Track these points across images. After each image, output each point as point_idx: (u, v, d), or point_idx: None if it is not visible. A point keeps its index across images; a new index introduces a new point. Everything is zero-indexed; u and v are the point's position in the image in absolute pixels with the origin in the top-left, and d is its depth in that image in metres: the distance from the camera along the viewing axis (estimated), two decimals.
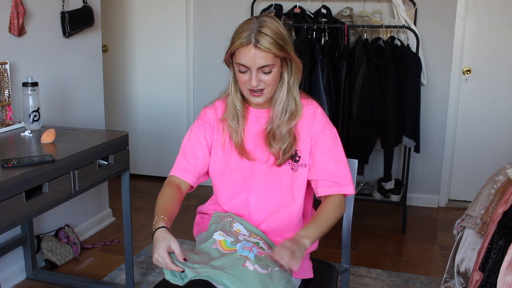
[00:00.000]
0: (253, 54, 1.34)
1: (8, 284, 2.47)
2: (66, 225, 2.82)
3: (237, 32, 1.39)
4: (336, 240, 2.99)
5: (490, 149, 3.65)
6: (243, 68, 1.38)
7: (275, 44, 1.35)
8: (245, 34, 1.35)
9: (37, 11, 2.51)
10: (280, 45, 1.36)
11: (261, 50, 1.34)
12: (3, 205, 1.53)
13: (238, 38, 1.36)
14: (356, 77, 3.12)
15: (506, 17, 3.47)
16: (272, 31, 1.35)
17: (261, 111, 1.52)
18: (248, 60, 1.35)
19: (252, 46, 1.34)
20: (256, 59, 1.35)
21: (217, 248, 1.35)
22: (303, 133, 1.49)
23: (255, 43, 1.34)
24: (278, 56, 1.37)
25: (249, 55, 1.35)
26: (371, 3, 3.57)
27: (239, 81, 1.42)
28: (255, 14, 3.71)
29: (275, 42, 1.35)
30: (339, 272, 1.71)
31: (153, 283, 2.50)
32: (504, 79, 3.56)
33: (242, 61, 1.36)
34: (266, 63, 1.36)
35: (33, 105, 2.15)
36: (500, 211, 1.63)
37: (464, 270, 1.95)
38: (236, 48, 1.37)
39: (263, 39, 1.33)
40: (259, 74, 1.38)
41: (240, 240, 1.37)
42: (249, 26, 1.36)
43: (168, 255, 1.23)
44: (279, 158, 1.47)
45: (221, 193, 1.54)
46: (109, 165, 2.06)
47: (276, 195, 1.50)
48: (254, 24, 1.36)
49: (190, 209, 3.59)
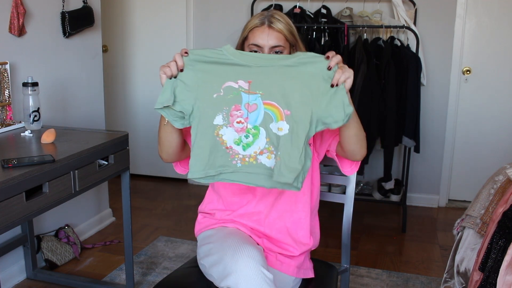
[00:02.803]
0: (266, 33, 1.43)
1: (8, 284, 2.47)
2: (66, 225, 2.82)
3: (250, 20, 1.49)
4: (336, 240, 2.99)
5: (490, 149, 3.65)
6: (256, 48, 1.44)
7: (287, 28, 1.45)
8: (258, 18, 1.45)
9: (37, 11, 2.51)
10: (290, 31, 1.46)
11: (274, 30, 1.43)
12: (3, 205, 1.53)
13: (252, 21, 1.46)
14: (356, 77, 3.13)
15: (506, 17, 3.48)
16: (283, 18, 1.46)
17: None
18: (262, 39, 1.43)
19: (266, 26, 1.43)
20: (269, 38, 1.42)
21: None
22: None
23: (269, 24, 1.43)
24: (289, 40, 1.46)
25: (263, 35, 1.43)
26: (371, 3, 3.57)
27: None
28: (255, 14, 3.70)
29: (286, 26, 1.45)
30: (339, 272, 1.71)
31: (153, 283, 2.51)
32: (504, 79, 3.56)
33: (256, 41, 1.43)
34: (278, 43, 1.43)
35: (33, 105, 2.15)
36: (500, 211, 1.63)
37: (464, 270, 1.95)
38: (250, 30, 1.45)
39: (276, 21, 1.44)
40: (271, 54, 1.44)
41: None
42: (261, 13, 1.48)
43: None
44: None
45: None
46: (109, 165, 2.06)
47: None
48: (266, 12, 1.48)
49: (190, 209, 3.59)
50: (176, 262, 2.75)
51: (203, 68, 1.29)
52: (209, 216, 1.63)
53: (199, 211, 1.69)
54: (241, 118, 1.28)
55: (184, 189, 4.03)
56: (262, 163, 1.28)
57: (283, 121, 1.27)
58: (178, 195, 3.90)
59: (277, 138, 1.27)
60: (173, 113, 1.28)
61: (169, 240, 3.03)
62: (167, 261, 2.77)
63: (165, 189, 4.02)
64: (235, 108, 1.28)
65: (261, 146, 1.28)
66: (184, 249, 2.91)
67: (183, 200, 3.79)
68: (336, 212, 3.30)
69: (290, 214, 1.53)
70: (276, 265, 1.51)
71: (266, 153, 1.28)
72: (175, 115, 1.29)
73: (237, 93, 1.28)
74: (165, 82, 1.28)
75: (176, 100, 1.28)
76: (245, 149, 1.28)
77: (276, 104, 1.27)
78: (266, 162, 1.28)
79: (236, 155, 1.29)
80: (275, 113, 1.27)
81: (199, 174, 1.28)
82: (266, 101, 1.27)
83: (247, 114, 1.28)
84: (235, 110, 1.28)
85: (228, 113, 1.28)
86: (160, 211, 3.56)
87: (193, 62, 1.29)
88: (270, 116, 1.27)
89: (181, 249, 2.92)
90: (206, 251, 1.49)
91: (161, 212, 3.53)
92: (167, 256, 2.82)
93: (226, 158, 1.29)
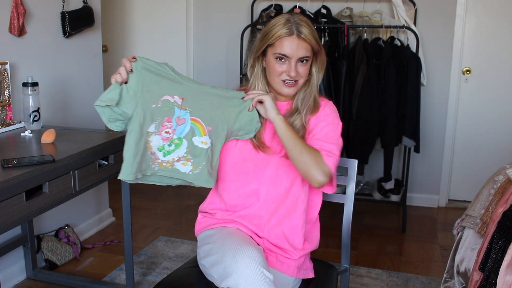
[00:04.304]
0: (296, 44, 1.42)
1: (8, 284, 2.47)
2: (66, 225, 2.82)
3: (274, 25, 1.45)
4: (336, 240, 2.99)
5: (490, 149, 3.65)
6: (283, 57, 1.43)
7: (313, 36, 1.44)
8: (286, 26, 1.42)
9: (37, 11, 2.51)
10: (316, 39, 1.46)
11: (304, 41, 1.42)
12: (3, 205, 1.53)
13: (279, 29, 1.43)
14: (356, 77, 3.13)
15: (506, 17, 3.48)
16: (309, 26, 1.44)
17: (281, 103, 1.55)
18: (291, 50, 1.42)
19: (295, 36, 1.42)
20: (298, 49, 1.42)
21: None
22: (311, 125, 1.53)
23: (298, 34, 1.42)
24: (314, 49, 1.46)
25: (292, 45, 1.42)
26: (371, 3, 3.57)
27: (274, 71, 1.47)
28: (255, 14, 3.71)
29: (313, 34, 1.44)
30: (339, 272, 1.71)
31: (153, 283, 2.51)
32: (504, 79, 3.56)
33: (284, 51, 1.43)
34: (306, 54, 1.44)
35: (33, 105, 2.15)
36: (500, 211, 1.63)
37: (464, 270, 1.95)
38: (277, 38, 1.43)
39: (305, 30, 1.42)
40: (297, 65, 1.45)
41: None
42: (287, 20, 1.44)
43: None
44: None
45: (231, 181, 1.55)
46: (109, 165, 2.06)
47: (286, 184, 1.52)
48: (291, 18, 1.44)
49: (190, 209, 3.59)
50: (176, 262, 2.75)
51: (146, 76, 1.41)
52: (210, 215, 1.63)
53: (199, 210, 1.68)
54: (169, 129, 1.43)
55: (184, 189, 4.03)
56: (177, 168, 1.43)
57: (206, 136, 1.45)
58: (178, 195, 3.90)
59: (199, 150, 1.44)
60: (111, 113, 1.40)
61: (169, 240, 3.03)
62: (167, 261, 2.77)
63: (165, 189, 4.01)
64: (167, 120, 1.42)
65: (180, 155, 1.43)
66: (184, 249, 2.91)
67: (183, 200, 3.79)
68: (336, 212, 3.30)
69: (288, 220, 1.54)
70: (277, 265, 1.51)
71: (183, 160, 1.43)
72: (112, 116, 1.41)
73: (171, 106, 1.43)
74: (114, 83, 1.38)
75: (120, 103, 1.39)
76: (165, 155, 1.43)
77: (200, 120, 1.45)
78: (181, 168, 1.43)
79: (156, 159, 1.42)
80: (199, 129, 1.44)
81: (129, 176, 1.39)
82: (193, 117, 1.44)
83: (176, 126, 1.43)
84: (167, 122, 1.42)
85: (160, 123, 1.42)
86: (160, 211, 3.56)
87: (140, 69, 1.41)
88: (194, 131, 1.44)
89: (181, 249, 2.92)
90: (207, 251, 1.49)
91: (161, 212, 3.53)
92: (167, 256, 2.82)
93: (149, 162, 1.42)
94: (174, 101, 1.42)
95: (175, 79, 1.45)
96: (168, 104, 1.42)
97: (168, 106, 1.42)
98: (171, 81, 1.44)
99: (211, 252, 1.45)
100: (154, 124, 1.41)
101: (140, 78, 1.40)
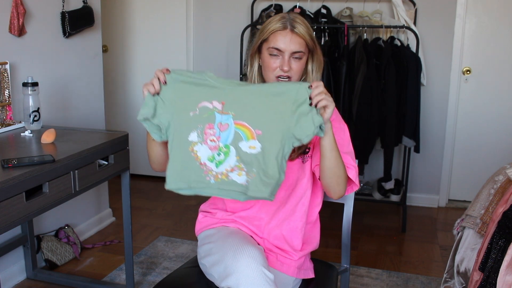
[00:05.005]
0: (289, 38, 1.42)
1: (8, 284, 2.47)
2: (66, 225, 2.82)
3: (270, 21, 1.46)
4: (336, 240, 2.99)
5: (490, 149, 3.65)
6: (276, 52, 1.43)
7: (308, 33, 1.44)
8: (280, 21, 1.43)
9: (37, 11, 2.51)
10: (311, 36, 1.45)
11: (297, 35, 1.42)
12: (3, 205, 1.53)
13: (274, 24, 1.43)
14: (356, 77, 3.13)
15: (506, 17, 3.48)
16: (305, 23, 1.45)
17: None
18: (284, 44, 1.42)
19: (288, 30, 1.42)
20: (291, 43, 1.42)
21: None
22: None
23: (291, 28, 1.42)
24: (309, 46, 1.45)
25: (285, 39, 1.42)
26: (371, 3, 3.57)
27: (269, 66, 1.46)
28: (255, 14, 3.71)
29: (308, 32, 1.44)
30: (339, 272, 1.71)
31: (153, 283, 2.51)
32: (504, 79, 3.56)
33: (277, 45, 1.43)
34: (300, 49, 1.43)
35: (33, 105, 2.15)
36: (500, 211, 1.63)
37: (464, 270, 1.95)
38: (271, 33, 1.43)
39: (299, 26, 1.43)
40: (290, 60, 1.44)
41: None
42: (282, 16, 1.45)
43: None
44: (294, 152, 1.49)
45: None
46: (109, 165, 2.06)
47: (287, 187, 1.52)
48: (287, 15, 1.46)
49: (190, 209, 3.59)
50: (176, 262, 2.75)
51: (181, 87, 1.37)
52: (210, 215, 1.63)
53: (200, 210, 1.69)
54: (213, 137, 1.34)
55: None
56: (233, 180, 1.34)
57: (255, 140, 1.32)
58: (178, 195, 3.87)
59: (249, 156, 1.33)
60: (152, 125, 1.38)
61: (169, 240, 3.03)
62: (167, 261, 2.77)
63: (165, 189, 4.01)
64: (208, 127, 1.34)
65: (232, 164, 1.34)
66: (184, 249, 2.91)
67: (183, 200, 3.79)
68: (336, 212, 3.30)
69: (288, 222, 1.54)
70: (277, 265, 1.51)
71: (237, 170, 1.34)
72: (154, 127, 1.38)
73: (211, 112, 1.34)
74: (147, 96, 1.35)
75: (155, 114, 1.36)
76: (218, 166, 1.34)
77: (246, 124, 1.33)
78: (237, 179, 1.33)
79: (209, 171, 1.34)
80: (245, 132, 1.33)
81: (174, 185, 1.37)
82: (237, 121, 1.34)
83: (219, 133, 1.34)
84: (209, 129, 1.34)
85: (203, 131, 1.34)
86: (160, 211, 3.56)
87: (173, 80, 1.37)
88: (240, 135, 1.33)
89: (181, 249, 2.92)
90: (207, 250, 1.49)
91: (161, 212, 3.53)
92: (167, 256, 2.82)
93: (200, 173, 1.35)
94: (213, 107, 1.34)
95: (213, 84, 1.36)
96: (208, 110, 1.34)
97: (208, 113, 1.34)
98: (207, 87, 1.36)
99: (212, 251, 1.45)
100: (195, 133, 1.35)
101: (173, 88, 1.36)
